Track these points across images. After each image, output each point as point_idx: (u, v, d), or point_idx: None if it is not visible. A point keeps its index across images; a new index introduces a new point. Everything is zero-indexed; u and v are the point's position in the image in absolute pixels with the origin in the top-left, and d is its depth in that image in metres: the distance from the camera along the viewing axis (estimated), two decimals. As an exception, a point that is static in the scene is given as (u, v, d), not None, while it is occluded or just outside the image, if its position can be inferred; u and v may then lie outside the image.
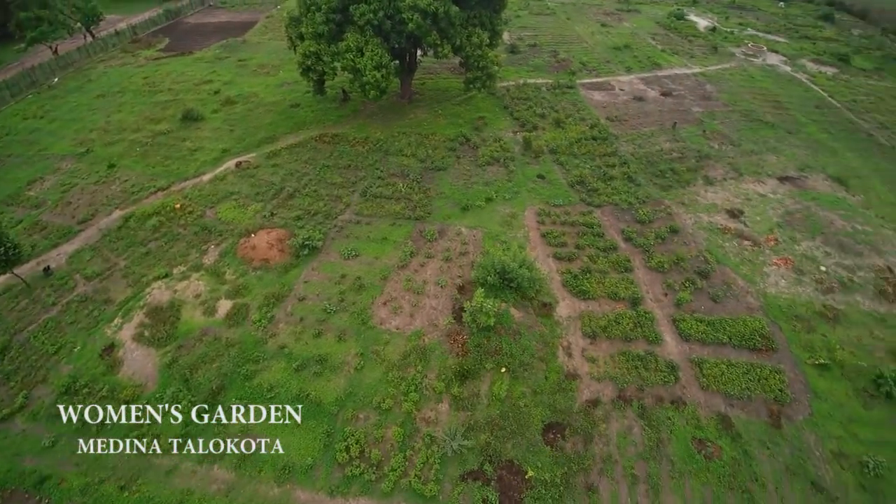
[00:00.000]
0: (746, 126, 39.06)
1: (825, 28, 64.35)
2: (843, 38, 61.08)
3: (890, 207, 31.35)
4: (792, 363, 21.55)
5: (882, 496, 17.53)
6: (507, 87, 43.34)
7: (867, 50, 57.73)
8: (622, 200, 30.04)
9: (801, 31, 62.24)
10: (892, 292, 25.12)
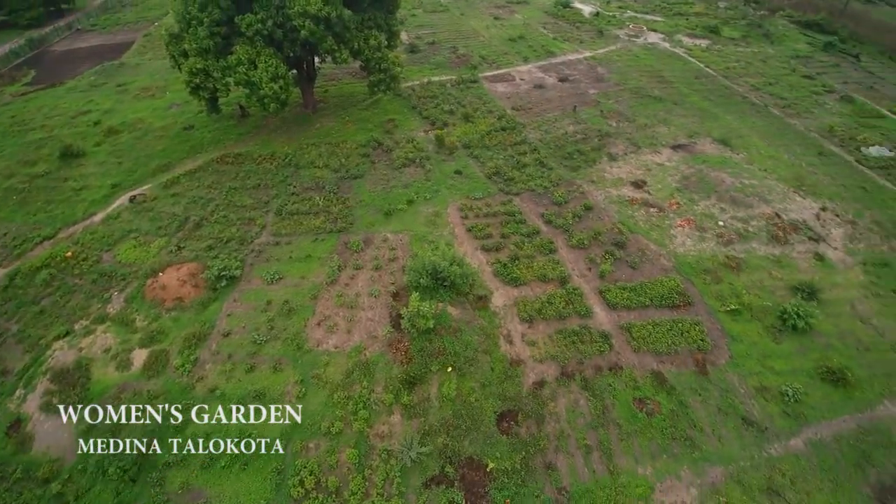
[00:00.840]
0: (638, 102, 42.02)
1: (695, 3, 70.78)
2: (712, 12, 67.59)
3: (770, 160, 35.20)
4: (707, 313, 23.52)
5: (803, 418, 19.68)
6: (412, 86, 43.29)
7: (733, 20, 64.39)
8: (538, 186, 31.13)
9: (674, 9, 67.96)
10: (782, 235, 28.22)
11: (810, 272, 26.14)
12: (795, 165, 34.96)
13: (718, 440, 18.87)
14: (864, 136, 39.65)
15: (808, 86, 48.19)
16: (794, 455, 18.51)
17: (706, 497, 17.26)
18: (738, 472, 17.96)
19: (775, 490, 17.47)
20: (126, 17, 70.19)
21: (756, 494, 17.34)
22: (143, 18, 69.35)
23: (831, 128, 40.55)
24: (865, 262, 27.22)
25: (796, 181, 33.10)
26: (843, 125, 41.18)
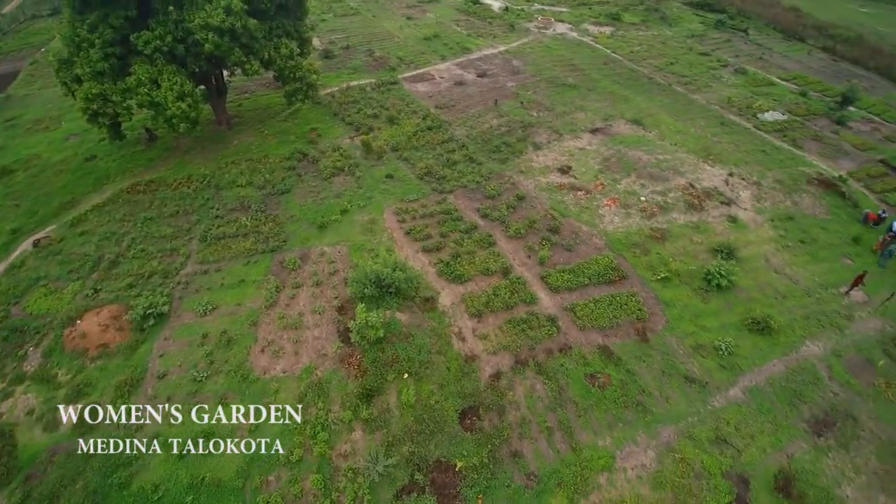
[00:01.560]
0: (554, 91, 43.60)
1: None
2: (612, 0, 71.29)
3: (679, 135, 37.76)
4: (641, 284, 24.88)
5: (738, 368, 21.34)
6: (331, 93, 42.30)
7: (632, 7, 68.34)
8: (470, 181, 31.48)
9: None
10: (697, 203, 30.37)
11: (726, 234, 28.38)
12: (702, 137, 37.77)
13: (666, 401, 20.03)
14: (759, 104, 43.59)
15: (705, 62, 52.20)
16: (734, 404, 20.02)
17: (662, 456, 18.26)
18: (688, 427, 19.16)
19: (723, 439, 18.80)
20: (7, 44, 63.16)
21: (706, 446, 18.58)
22: (27, 45, 62.57)
23: (729, 99, 44.21)
24: (773, 219, 29.96)
25: (704, 152, 35.78)
26: (740, 95, 45.02)
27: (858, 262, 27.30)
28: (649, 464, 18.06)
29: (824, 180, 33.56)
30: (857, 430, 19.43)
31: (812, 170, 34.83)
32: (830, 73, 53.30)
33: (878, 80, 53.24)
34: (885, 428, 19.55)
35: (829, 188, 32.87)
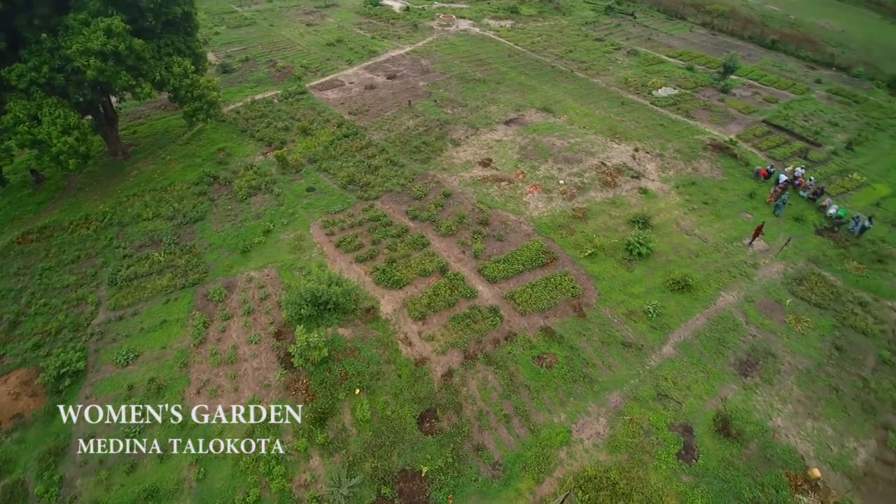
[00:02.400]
0: (465, 87, 44.34)
1: None
2: None
3: (585, 118, 39.81)
4: (571, 263, 26.02)
5: (667, 327, 22.90)
6: (235, 109, 40.21)
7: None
8: (394, 185, 31.27)
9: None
10: (611, 180, 32.20)
11: (639, 205, 30.38)
12: (606, 118, 40.11)
13: (609, 369, 21.12)
14: (653, 81, 46.99)
15: (601, 47, 55.44)
16: (669, 360, 21.52)
17: (613, 420, 19.24)
18: (632, 389, 20.33)
19: (664, 394, 20.15)
20: None
21: (650, 403, 19.82)
22: None
23: (626, 80, 47.27)
24: (678, 186, 32.48)
25: (610, 131, 38.04)
26: (635, 76, 48.27)
27: (756, 214, 30.35)
28: (602, 430, 18.96)
29: (717, 145, 36.90)
30: (778, 365, 21.61)
31: (706, 137, 38.18)
32: (711, 47, 58.66)
33: (752, 48, 59.45)
34: (800, 359, 21.91)
35: (723, 151, 36.20)
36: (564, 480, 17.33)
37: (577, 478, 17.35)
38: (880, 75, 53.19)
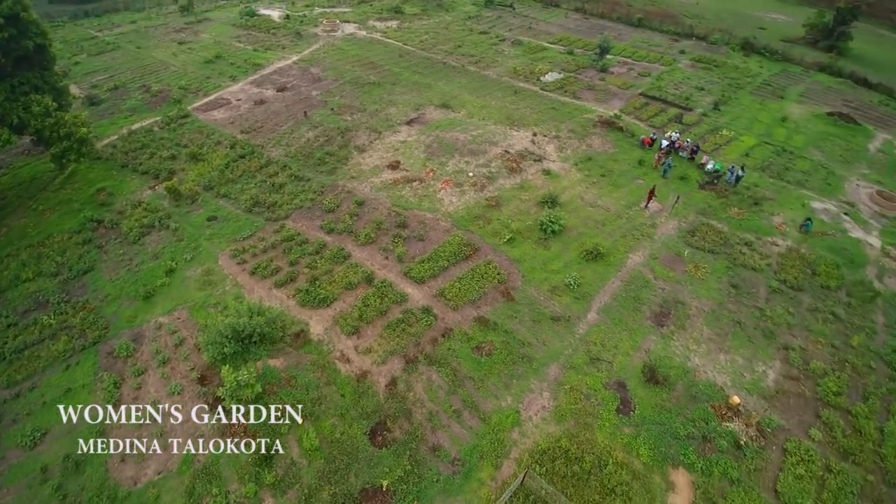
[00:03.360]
0: (361, 92, 43.77)
1: None
2: None
3: (483, 110, 40.97)
4: (493, 251, 26.76)
5: (588, 296, 24.30)
6: (111, 143, 36.43)
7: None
8: (304, 200, 30.16)
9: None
10: (516, 166, 33.48)
11: (546, 186, 31.93)
12: (502, 108, 41.60)
13: (544, 345, 22.04)
14: (539, 68, 49.43)
15: (486, 40, 57.28)
16: (594, 326, 22.90)
17: (555, 392, 20.12)
18: (567, 359, 21.39)
19: (595, 358, 21.41)
20: None
21: (585, 368, 20.97)
22: None
23: (515, 69, 49.31)
24: (576, 163, 34.55)
25: (508, 120, 39.53)
26: (522, 64, 50.48)
27: (647, 179, 33.14)
28: (547, 403, 19.77)
29: (605, 121, 39.73)
30: (687, 311, 23.81)
31: (593, 115, 40.96)
32: (586, 30, 62.89)
33: (622, 28, 64.63)
34: (705, 302, 24.30)
35: (610, 126, 39.05)
36: (521, 459, 17.86)
37: (531, 454, 17.96)
38: (734, 40, 60.33)
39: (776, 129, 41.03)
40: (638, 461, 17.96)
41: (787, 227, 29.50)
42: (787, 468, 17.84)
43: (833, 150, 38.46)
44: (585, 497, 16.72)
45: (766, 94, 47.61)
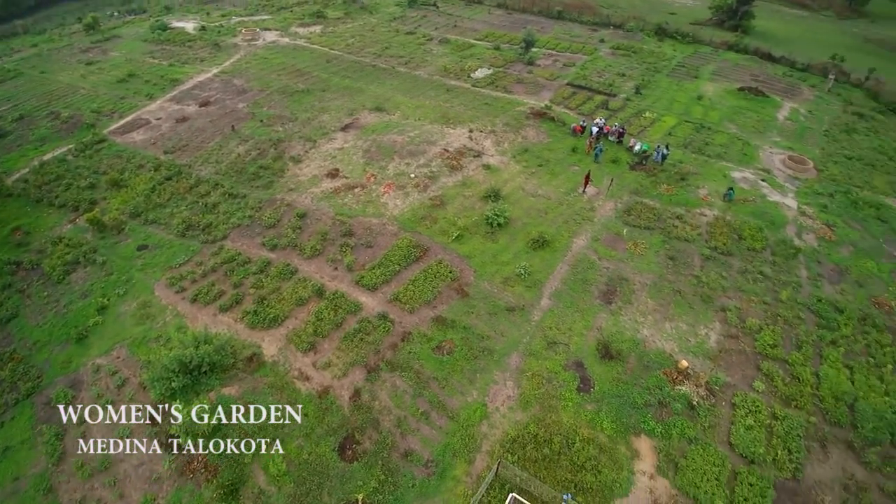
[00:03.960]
0: (290, 101, 42.55)
1: None
2: None
3: (418, 110, 40.99)
4: (443, 249, 26.89)
5: (539, 283, 24.91)
6: (22, 177, 33.40)
7: (332, 2, 70.02)
8: (241, 218, 28.97)
9: (275, 4, 69.62)
10: (456, 163, 33.75)
11: (487, 181, 32.43)
12: (436, 107, 41.80)
13: (502, 336, 22.41)
14: (469, 65, 50.05)
15: (414, 40, 57.28)
16: (548, 311, 23.53)
17: (519, 380, 20.50)
18: (525, 347, 21.85)
19: (552, 342, 22.00)
20: None
21: (544, 353, 21.50)
22: None
23: (445, 68, 49.65)
24: (514, 156, 35.32)
25: (443, 118, 39.78)
26: (451, 62, 50.92)
27: (582, 165, 34.41)
28: (512, 392, 20.14)
29: (537, 112, 40.85)
30: (631, 286, 24.96)
31: (525, 107, 42.00)
32: (510, 25, 64.29)
33: (544, 21, 66.60)
34: (646, 276, 25.56)
35: (542, 117, 40.18)
36: (493, 451, 18.10)
37: (502, 444, 18.24)
38: (648, 26, 63.75)
39: (693, 108, 43.79)
40: (603, 435, 18.67)
41: (712, 198, 31.58)
42: (738, 421, 19.16)
43: (746, 123, 41.55)
44: (558, 476, 17.21)
45: (681, 75, 50.67)
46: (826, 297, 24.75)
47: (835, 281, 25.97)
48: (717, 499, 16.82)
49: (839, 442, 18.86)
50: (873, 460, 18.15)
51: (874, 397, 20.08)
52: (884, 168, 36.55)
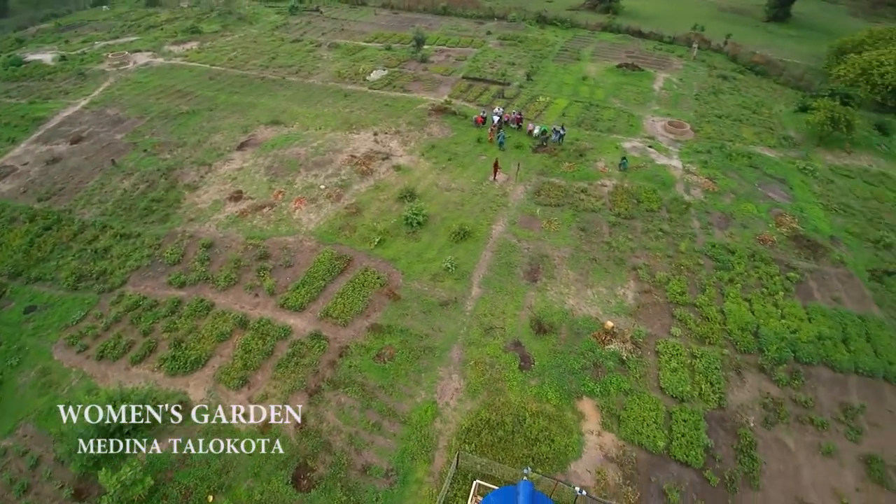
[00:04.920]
0: (175, 125, 39.46)
1: (159, 13, 68.44)
2: (181, 14, 66.85)
3: (318, 119, 39.85)
4: (366, 257, 26.48)
5: (466, 274, 25.27)
6: None
7: (205, 16, 65.70)
8: (140, 260, 26.44)
9: (142, 24, 64.00)
10: (366, 168, 33.30)
11: (400, 182, 32.38)
12: (337, 114, 40.92)
13: (440, 331, 22.56)
14: (363, 68, 49.45)
15: (301, 48, 55.53)
16: (480, 299, 24.03)
17: (463, 371, 20.74)
18: (464, 338, 22.19)
19: (489, 327, 22.54)
20: None
21: (483, 340, 21.97)
22: None
23: (339, 73, 48.68)
24: (422, 153, 35.58)
25: (346, 125, 39.04)
26: (345, 67, 50.09)
27: (489, 154, 35.45)
28: (459, 385, 20.37)
29: (438, 108, 41.39)
30: (552, 262, 26.19)
31: (426, 104, 42.40)
32: (397, 24, 64.39)
33: (430, 18, 67.49)
34: (563, 250, 26.93)
35: (444, 112, 40.81)
36: (450, 445, 18.21)
37: (458, 436, 18.40)
38: (528, 15, 66.87)
39: (581, 88, 46.77)
40: (549, 405, 19.51)
41: (609, 169, 33.99)
42: (664, 366, 20.93)
43: (628, 96, 45.12)
44: (515, 454, 17.74)
45: (565, 59, 53.85)
46: (718, 242, 27.69)
47: (723, 226, 29.11)
48: (658, 440, 18.27)
49: (751, 367, 21.29)
50: (782, 377, 20.71)
51: (773, 322, 22.87)
52: (749, 121, 41.55)
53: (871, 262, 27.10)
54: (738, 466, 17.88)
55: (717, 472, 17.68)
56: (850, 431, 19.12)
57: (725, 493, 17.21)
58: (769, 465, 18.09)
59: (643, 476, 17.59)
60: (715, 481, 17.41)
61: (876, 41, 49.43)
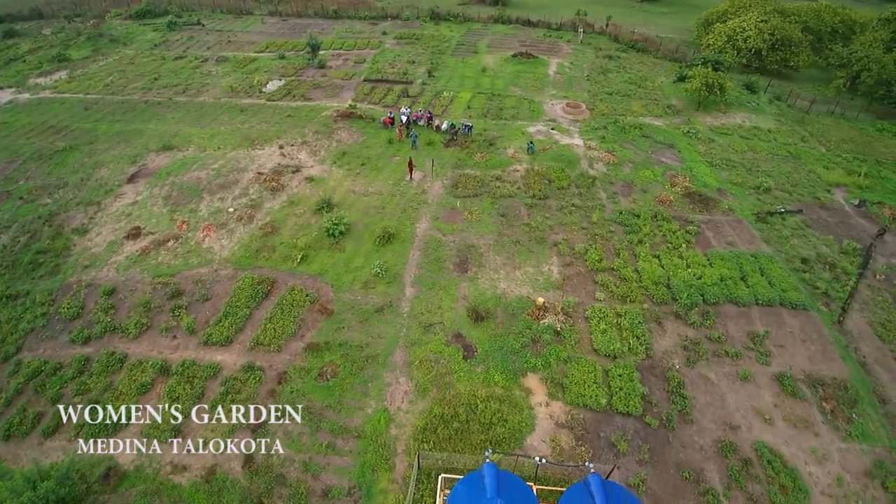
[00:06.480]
0: (53, 164, 35.07)
1: (19, 44, 59.22)
2: (44, 42, 59.10)
3: (213, 139, 37.46)
4: (291, 276, 25.40)
5: (397, 276, 25.09)
6: None
7: (73, 41, 58.80)
8: (32, 321, 23.29)
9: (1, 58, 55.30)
10: (276, 184, 31.89)
11: (315, 193, 31.43)
12: (235, 131, 38.77)
13: (380, 338, 22.29)
14: (257, 80, 47.28)
15: (186, 65, 51.99)
16: (415, 298, 24.02)
17: (409, 371, 20.66)
18: (405, 340, 22.11)
19: (427, 325, 22.61)
20: None
21: (424, 338, 21.99)
22: None
23: (231, 87, 46.17)
24: (334, 161, 34.81)
25: (247, 141, 37.11)
26: (237, 80, 47.60)
27: (402, 154, 35.38)
28: (408, 387, 20.27)
29: (343, 114, 40.59)
30: (478, 250, 26.77)
31: (331, 111, 41.43)
32: (288, 32, 62.16)
33: (322, 23, 66.07)
34: (487, 237, 27.62)
35: (350, 117, 40.11)
36: (409, 448, 18.10)
37: (415, 437, 18.34)
38: (422, 13, 67.39)
39: (481, 80, 48.04)
40: (497, 388, 20.03)
41: (519, 155, 35.32)
42: (594, 329, 22.31)
43: (527, 83, 47.07)
44: (474, 442, 18.04)
45: (463, 53, 54.99)
46: (624, 208, 29.86)
47: (626, 194, 31.39)
48: (600, 398, 19.49)
49: (669, 316, 23.35)
50: (696, 320, 22.97)
51: (681, 272, 25.19)
52: (636, 95, 45.07)
53: (755, 207, 30.75)
54: (672, 406, 19.58)
55: (656, 415, 19.30)
56: (760, 356, 21.64)
57: (666, 432, 18.81)
58: (698, 399, 20.01)
59: (593, 434, 18.68)
60: (655, 424, 18.97)
61: (737, 10, 55.78)
